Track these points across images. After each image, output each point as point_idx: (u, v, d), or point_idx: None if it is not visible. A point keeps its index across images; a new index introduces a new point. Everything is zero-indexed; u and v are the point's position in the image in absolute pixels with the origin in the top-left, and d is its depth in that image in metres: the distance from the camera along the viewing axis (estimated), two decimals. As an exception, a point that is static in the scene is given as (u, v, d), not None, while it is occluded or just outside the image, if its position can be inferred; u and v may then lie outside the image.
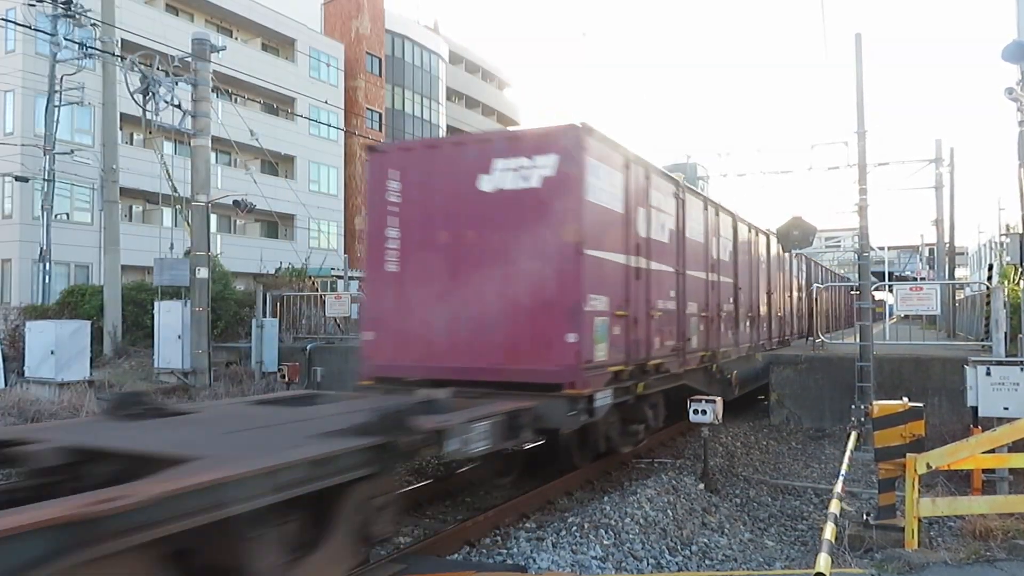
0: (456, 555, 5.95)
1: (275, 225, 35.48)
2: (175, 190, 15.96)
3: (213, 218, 17.86)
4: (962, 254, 36.28)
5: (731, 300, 12.49)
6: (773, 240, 15.86)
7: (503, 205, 7.48)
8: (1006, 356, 10.07)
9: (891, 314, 16.19)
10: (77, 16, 19.22)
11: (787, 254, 17.42)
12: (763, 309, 15.04)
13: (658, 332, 9.16)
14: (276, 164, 30.91)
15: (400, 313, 7.86)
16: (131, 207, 31.09)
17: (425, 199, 7.87)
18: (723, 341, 11.83)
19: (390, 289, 7.98)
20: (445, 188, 7.81)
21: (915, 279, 34.26)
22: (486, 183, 7.57)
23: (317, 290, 21.51)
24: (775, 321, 16.09)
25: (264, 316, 16.26)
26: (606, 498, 7.36)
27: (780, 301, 16.82)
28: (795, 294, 18.63)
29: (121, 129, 23.96)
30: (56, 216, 23.74)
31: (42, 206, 22.47)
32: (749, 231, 14.30)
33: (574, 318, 7.16)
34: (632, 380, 8.38)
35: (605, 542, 6.01)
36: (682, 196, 10.23)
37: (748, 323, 13.76)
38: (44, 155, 21.85)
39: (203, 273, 14.86)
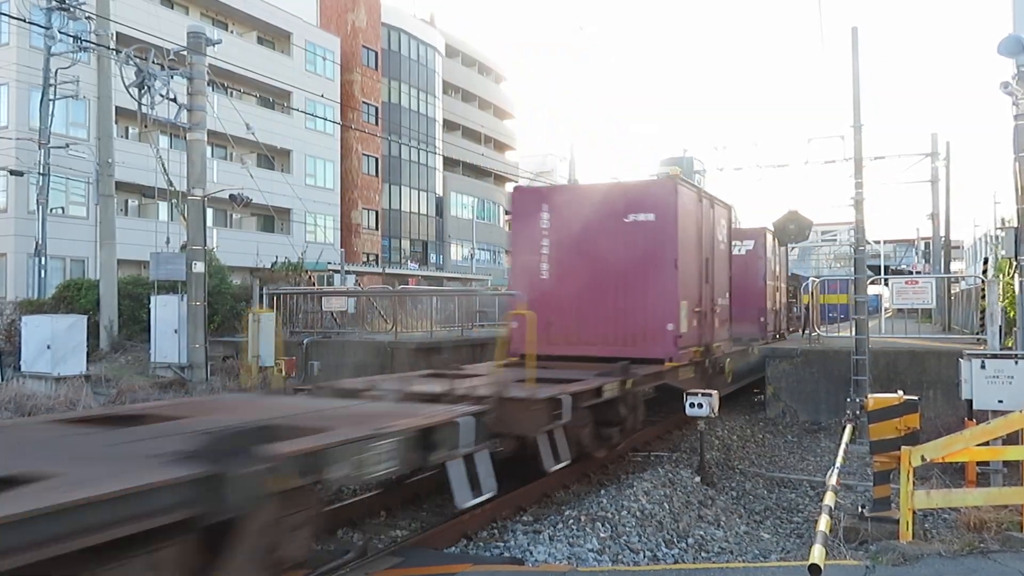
0: (453, 548, 5.97)
1: (271, 220, 35.46)
2: (171, 184, 15.90)
3: (209, 212, 17.82)
4: (958, 248, 36.38)
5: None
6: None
7: None
8: (1000, 349, 10.11)
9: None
10: (71, 9, 19.14)
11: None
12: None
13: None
14: (272, 158, 30.86)
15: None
16: (127, 201, 31.01)
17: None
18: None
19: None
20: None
21: (911, 273, 34.35)
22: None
23: (314, 284, 21.50)
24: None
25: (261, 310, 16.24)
26: (603, 491, 7.39)
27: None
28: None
29: (116, 123, 23.95)
30: (52, 210, 23.67)
31: (37, 200, 22.39)
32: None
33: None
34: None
35: (602, 535, 6.04)
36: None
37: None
38: (39, 149, 21.78)
39: (199, 267, 14.84)
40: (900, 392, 6.45)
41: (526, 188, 12.99)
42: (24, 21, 19.41)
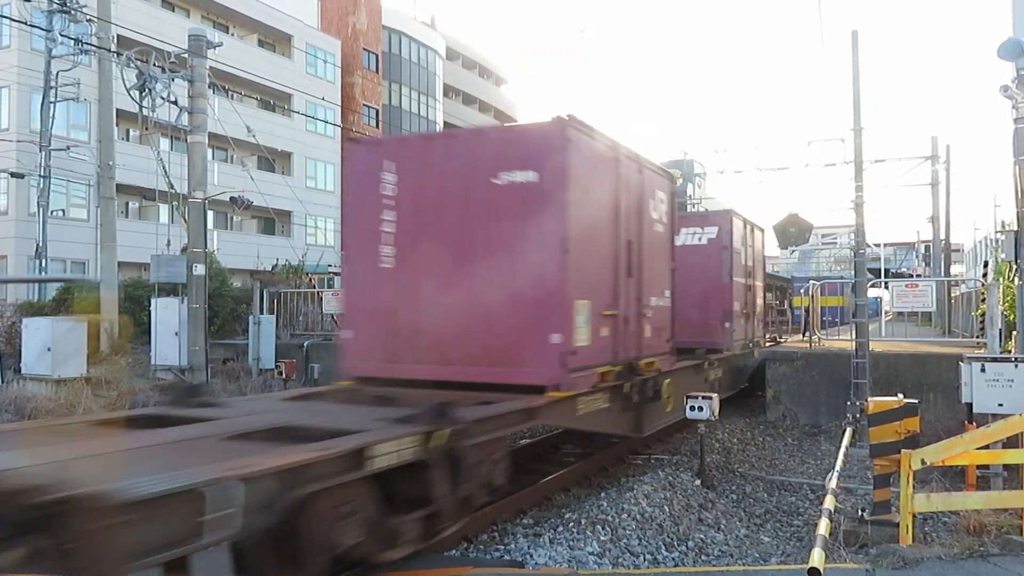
0: (454, 551, 5.97)
1: (271, 222, 35.46)
2: (171, 186, 15.90)
3: (210, 215, 17.82)
4: (958, 251, 36.41)
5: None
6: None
7: None
8: (1000, 353, 10.12)
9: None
10: (73, 12, 19.15)
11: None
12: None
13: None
14: (273, 161, 30.86)
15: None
16: (127, 203, 31.03)
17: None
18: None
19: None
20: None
21: (911, 276, 34.33)
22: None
23: (314, 286, 21.52)
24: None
25: (261, 313, 16.27)
26: (603, 494, 7.39)
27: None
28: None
29: (117, 125, 23.94)
30: (52, 212, 23.70)
31: (38, 202, 22.42)
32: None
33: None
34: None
35: (602, 538, 6.04)
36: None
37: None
38: (40, 151, 21.81)
39: (200, 270, 14.83)
40: (900, 395, 6.45)
41: (365, 141, 9.20)
42: (25, 24, 19.45)
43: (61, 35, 19.52)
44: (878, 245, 37.92)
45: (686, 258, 11.03)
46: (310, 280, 23.43)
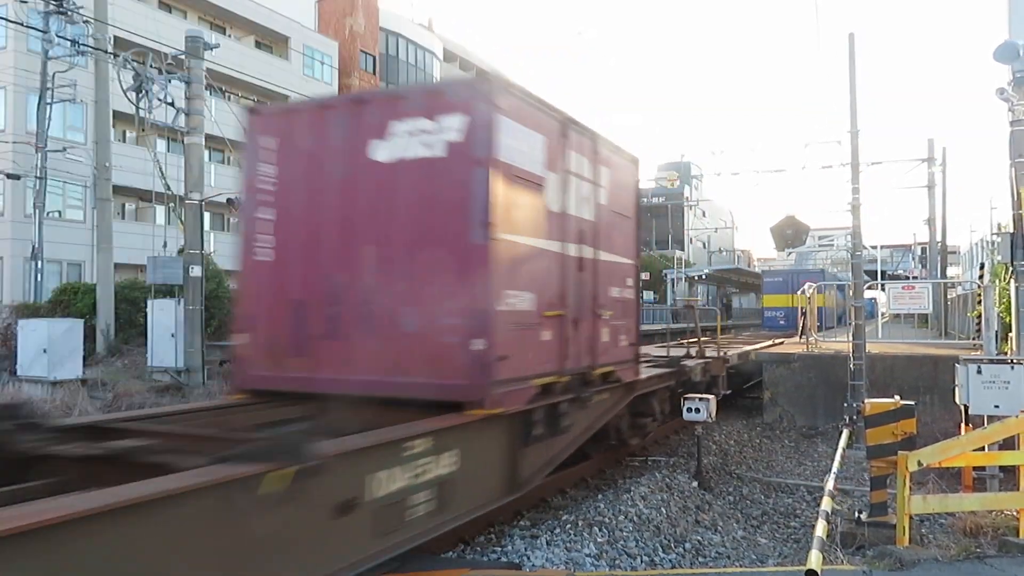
0: (450, 553, 5.96)
1: (269, 223, 35.36)
2: (168, 188, 15.89)
3: (206, 216, 17.83)
4: (954, 253, 36.49)
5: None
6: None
7: None
8: (996, 354, 10.13)
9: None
10: (69, 13, 19.13)
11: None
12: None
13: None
14: (270, 162, 30.74)
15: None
16: (124, 205, 30.95)
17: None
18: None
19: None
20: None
21: (908, 278, 34.44)
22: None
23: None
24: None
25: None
26: (600, 496, 7.39)
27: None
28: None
29: (114, 127, 23.92)
30: (48, 214, 23.62)
31: (34, 204, 22.35)
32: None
33: None
34: None
35: (599, 540, 6.04)
36: None
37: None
38: (36, 152, 21.75)
39: (196, 271, 14.82)
40: (897, 397, 6.46)
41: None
42: (22, 25, 19.41)
43: (58, 36, 19.47)
44: (875, 247, 37.98)
45: (391, 186, 5.72)
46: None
